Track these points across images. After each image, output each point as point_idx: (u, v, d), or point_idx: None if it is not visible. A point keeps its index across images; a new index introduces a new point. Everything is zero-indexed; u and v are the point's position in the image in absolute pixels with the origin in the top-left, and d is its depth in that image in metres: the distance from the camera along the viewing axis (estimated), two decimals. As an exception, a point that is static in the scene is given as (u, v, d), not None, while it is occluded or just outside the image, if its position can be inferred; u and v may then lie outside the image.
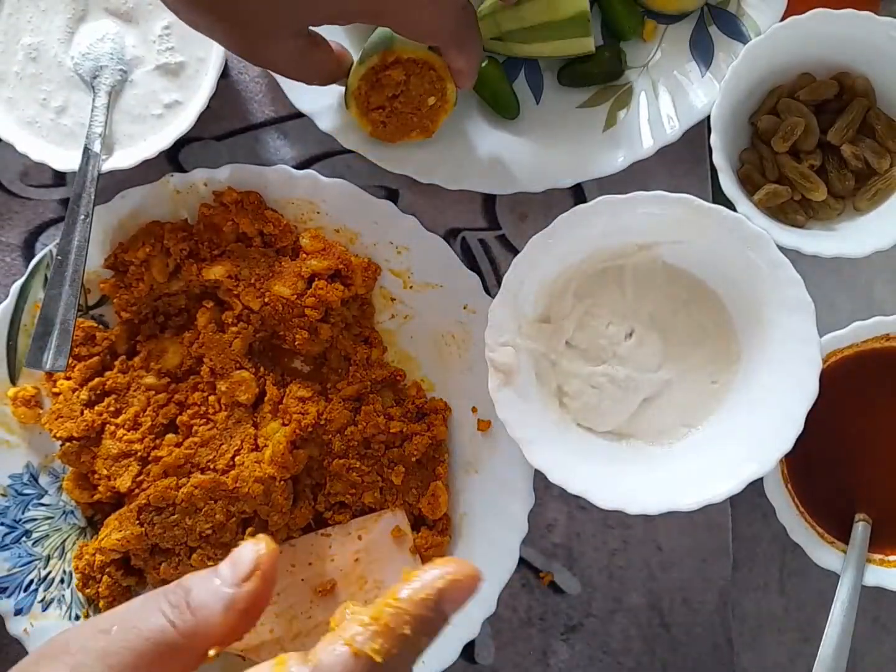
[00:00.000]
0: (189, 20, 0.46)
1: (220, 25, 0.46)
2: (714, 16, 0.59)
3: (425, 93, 0.55)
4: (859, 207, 0.58)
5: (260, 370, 0.57)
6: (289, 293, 0.55)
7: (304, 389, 0.56)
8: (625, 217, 0.52)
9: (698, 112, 0.58)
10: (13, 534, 0.58)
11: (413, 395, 0.59)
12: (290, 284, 0.56)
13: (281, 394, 0.57)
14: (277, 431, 0.55)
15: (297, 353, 0.58)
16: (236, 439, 0.56)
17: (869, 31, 0.55)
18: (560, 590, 0.61)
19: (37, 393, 0.58)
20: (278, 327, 0.57)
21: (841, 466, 0.57)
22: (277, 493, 0.54)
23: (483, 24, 0.57)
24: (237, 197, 0.57)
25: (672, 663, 0.60)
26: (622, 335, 0.56)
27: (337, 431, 0.56)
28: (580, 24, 0.55)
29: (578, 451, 0.54)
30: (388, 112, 0.56)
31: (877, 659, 0.61)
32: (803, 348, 0.51)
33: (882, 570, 0.55)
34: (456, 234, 0.62)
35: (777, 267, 0.52)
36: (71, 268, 0.55)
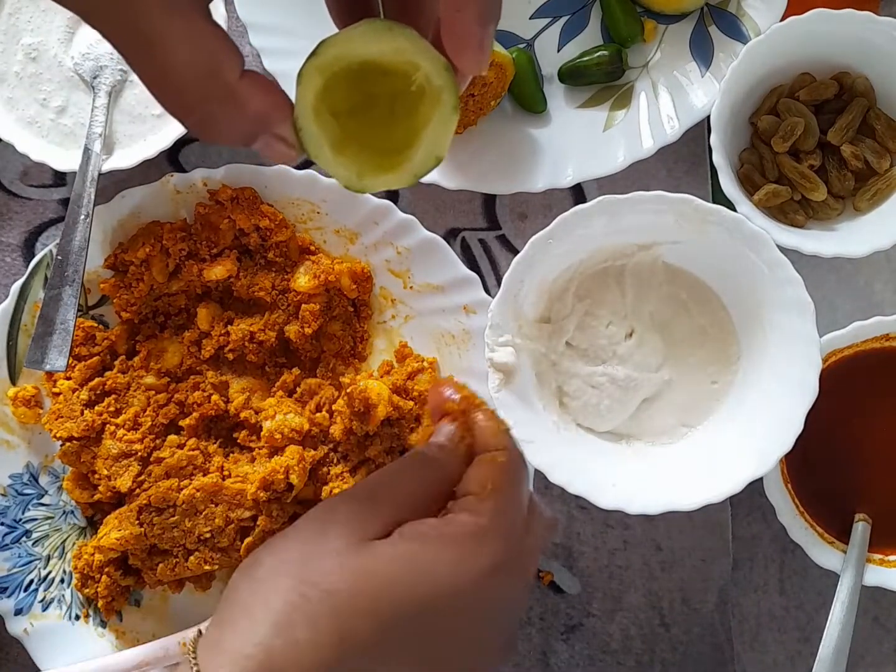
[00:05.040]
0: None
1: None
2: (714, 16, 0.59)
3: (495, 95, 0.57)
4: (859, 207, 0.58)
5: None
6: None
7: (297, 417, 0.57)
8: (625, 217, 0.52)
9: (698, 112, 0.58)
10: (13, 534, 0.58)
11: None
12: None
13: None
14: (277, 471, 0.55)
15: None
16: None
17: (869, 31, 0.55)
18: (560, 589, 0.61)
19: (37, 393, 0.58)
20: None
21: (841, 466, 0.57)
22: (276, 506, 0.55)
23: None
24: (232, 193, 0.57)
25: (672, 663, 0.60)
26: (622, 335, 0.56)
27: (333, 447, 0.57)
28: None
29: (578, 451, 0.54)
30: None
31: (876, 658, 0.61)
32: (803, 348, 0.51)
33: (882, 569, 0.55)
34: (456, 234, 0.62)
35: (777, 267, 0.52)
36: (71, 268, 0.55)
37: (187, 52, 0.29)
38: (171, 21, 0.29)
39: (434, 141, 0.32)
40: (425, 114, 0.32)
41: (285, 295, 0.58)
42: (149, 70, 0.30)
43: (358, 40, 0.30)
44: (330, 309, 0.59)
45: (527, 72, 0.59)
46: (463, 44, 0.30)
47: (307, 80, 0.31)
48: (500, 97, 0.58)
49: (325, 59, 0.30)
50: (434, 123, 0.32)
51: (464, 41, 0.29)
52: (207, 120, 0.31)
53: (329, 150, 0.31)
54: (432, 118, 0.32)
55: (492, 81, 0.56)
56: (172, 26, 0.29)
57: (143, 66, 0.30)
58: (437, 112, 0.31)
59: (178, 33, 0.29)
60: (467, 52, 0.30)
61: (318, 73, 0.30)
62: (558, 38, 0.61)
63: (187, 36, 0.29)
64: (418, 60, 0.30)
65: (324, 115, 0.31)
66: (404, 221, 0.58)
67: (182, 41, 0.29)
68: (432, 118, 0.32)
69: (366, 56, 0.30)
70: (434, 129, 0.32)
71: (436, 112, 0.31)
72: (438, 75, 0.30)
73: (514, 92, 0.60)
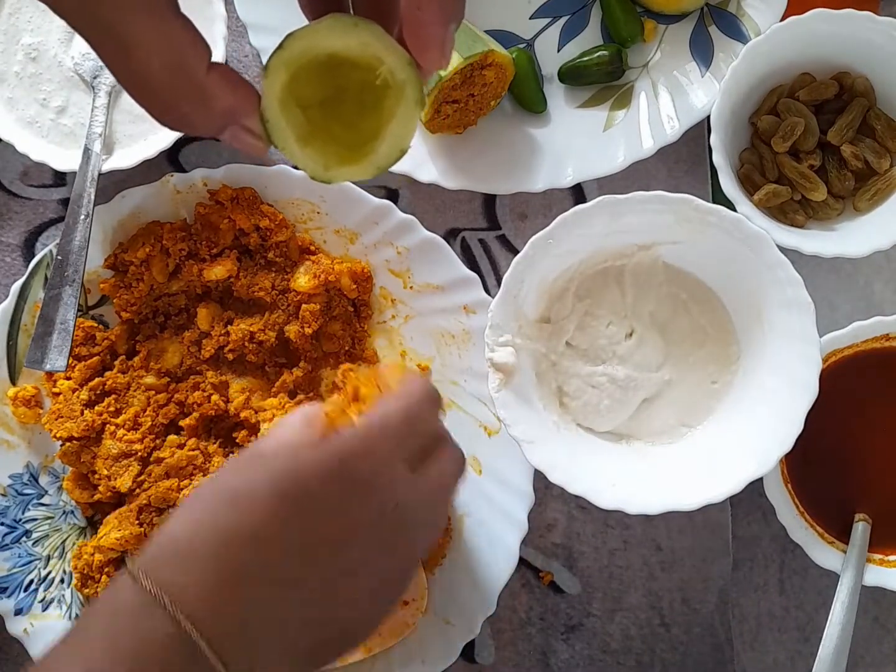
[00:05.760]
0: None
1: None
2: (714, 16, 0.59)
3: (496, 95, 0.58)
4: (859, 207, 0.58)
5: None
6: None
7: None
8: (625, 217, 0.52)
9: (698, 112, 0.58)
10: (13, 534, 0.58)
11: None
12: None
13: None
14: None
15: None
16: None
17: (869, 30, 0.55)
18: (560, 589, 0.61)
19: (37, 393, 0.58)
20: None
21: (841, 466, 0.57)
22: None
23: None
24: (232, 193, 0.57)
25: (672, 663, 0.60)
26: (622, 335, 0.56)
27: None
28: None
29: (578, 451, 0.54)
30: (458, 107, 0.57)
31: (876, 658, 0.61)
32: (803, 348, 0.51)
33: (882, 569, 0.55)
34: (456, 234, 0.62)
35: (777, 267, 0.51)
36: (71, 268, 0.55)
37: (156, 49, 0.30)
38: (140, 17, 0.29)
39: (398, 134, 0.33)
40: (390, 108, 0.32)
41: (285, 295, 0.58)
42: (123, 70, 0.31)
43: (323, 34, 0.31)
44: (330, 309, 0.59)
45: (527, 72, 0.59)
46: (424, 42, 0.30)
47: (273, 74, 0.31)
48: (500, 97, 0.58)
49: (292, 52, 0.31)
50: (398, 117, 0.33)
51: (425, 40, 0.30)
52: (181, 119, 0.32)
53: (295, 142, 0.32)
54: (396, 112, 0.32)
55: (492, 81, 0.56)
56: (141, 23, 0.29)
57: (117, 66, 0.31)
58: (401, 106, 0.32)
59: (146, 29, 0.29)
60: (428, 50, 0.31)
61: (285, 67, 0.31)
62: (558, 38, 0.61)
63: (155, 31, 0.30)
64: (382, 55, 0.31)
65: (291, 108, 0.32)
66: (404, 221, 0.58)
67: (151, 38, 0.30)
68: (396, 112, 0.32)
69: (331, 50, 0.31)
70: (398, 122, 0.33)
71: (400, 106, 0.32)
72: (402, 70, 0.31)
73: (514, 92, 0.60)
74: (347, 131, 0.33)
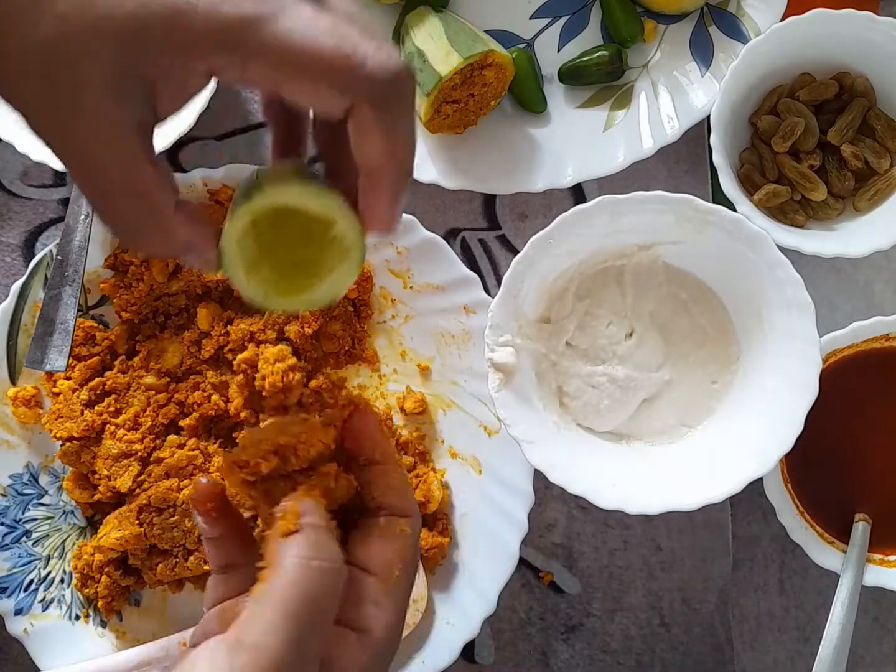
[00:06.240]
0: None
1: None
2: (714, 16, 0.59)
3: (496, 95, 0.58)
4: (859, 207, 0.58)
5: None
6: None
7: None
8: (625, 217, 0.52)
9: (698, 112, 0.58)
10: (13, 534, 0.58)
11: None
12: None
13: None
14: None
15: None
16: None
17: (868, 31, 0.55)
18: (560, 589, 0.61)
19: (37, 393, 0.58)
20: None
21: (841, 466, 0.57)
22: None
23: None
24: (232, 194, 0.57)
25: (672, 663, 0.60)
26: (622, 335, 0.56)
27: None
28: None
29: (578, 451, 0.54)
30: (458, 107, 0.57)
31: (876, 658, 0.61)
32: (803, 348, 0.51)
33: (882, 569, 0.55)
34: (456, 234, 0.62)
35: (777, 267, 0.51)
36: (71, 268, 0.55)
37: (123, 191, 0.31)
38: (109, 155, 0.30)
39: (335, 283, 0.36)
40: (332, 259, 0.35)
41: (285, 295, 0.58)
42: (88, 193, 0.31)
43: (292, 195, 0.33)
44: (330, 309, 0.59)
45: (527, 72, 0.59)
46: (373, 217, 0.34)
47: (238, 218, 0.33)
48: (499, 97, 0.58)
49: (259, 205, 0.33)
50: (338, 271, 0.35)
51: (374, 216, 0.34)
52: (138, 245, 0.33)
53: (243, 272, 0.35)
54: (338, 266, 0.35)
55: (492, 81, 0.56)
56: (111, 165, 0.30)
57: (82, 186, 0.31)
58: (345, 264, 0.35)
59: (115, 171, 0.30)
60: (376, 223, 0.34)
61: (250, 214, 0.33)
62: (558, 38, 0.61)
63: (124, 172, 0.30)
64: (338, 219, 0.34)
65: (246, 242, 0.34)
66: (404, 221, 0.58)
67: (118, 178, 0.30)
68: (338, 266, 0.35)
69: (296, 206, 0.33)
70: (338, 275, 0.35)
71: (343, 263, 0.35)
72: (352, 234, 0.34)
73: (514, 92, 0.60)
74: (291, 256, 0.36)
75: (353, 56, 0.29)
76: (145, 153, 0.31)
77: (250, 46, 0.29)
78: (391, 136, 0.31)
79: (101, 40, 0.28)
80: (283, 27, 0.29)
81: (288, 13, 0.29)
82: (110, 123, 0.29)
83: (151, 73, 0.29)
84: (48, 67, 0.28)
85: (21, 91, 0.29)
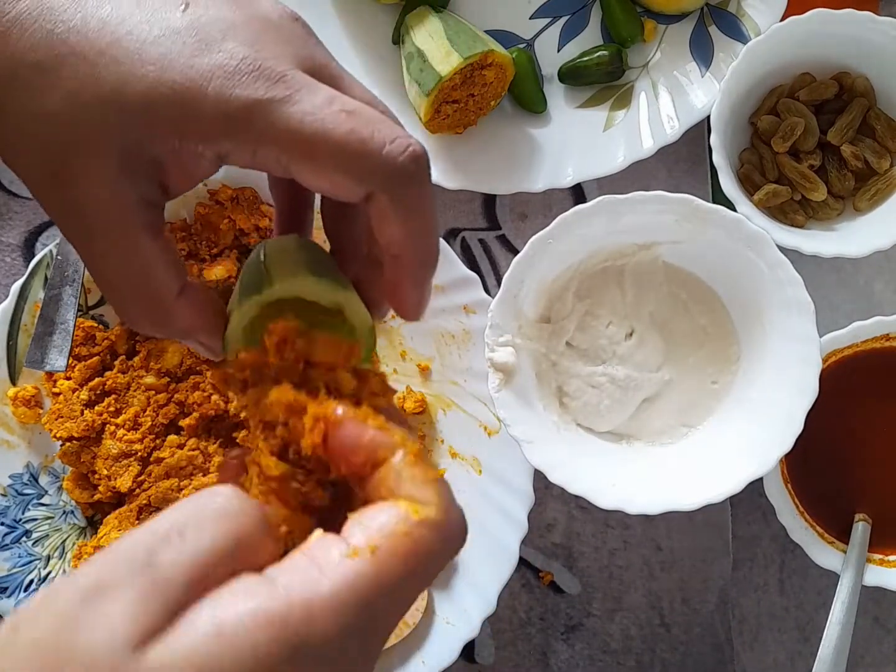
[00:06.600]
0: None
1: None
2: (714, 16, 0.59)
3: (496, 95, 0.58)
4: (859, 207, 0.58)
5: None
6: None
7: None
8: (625, 217, 0.52)
9: (698, 112, 0.58)
10: (13, 534, 0.58)
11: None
12: None
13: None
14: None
15: None
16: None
17: (869, 30, 0.55)
18: (560, 590, 0.61)
19: (37, 393, 0.58)
20: None
21: (841, 466, 0.57)
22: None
23: None
24: (232, 193, 0.57)
25: (672, 663, 0.60)
26: (622, 335, 0.56)
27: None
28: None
29: (578, 452, 0.54)
30: (458, 107, 0.57)
31: (876, 658, 0.61)
32: (803, 348, 0.51)
33: (882, 569, 0.55)
34: (456, 234, 0.62)
35: (777, 267, 0.51)
36: (71, 268, 0.55)
37: (123, 270, 0.29)
38: (111, 235, 0.28)
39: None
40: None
41: (285, 295, 0.58)
42: (86, 264, 0.30)
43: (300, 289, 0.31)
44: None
45: (527, 72, 0.59)
46: (399, 303, 0.32)
47: (245, 312, 0.31)
48: (499, 97, 0.58)
49: (268, 297, 0.31)
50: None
51: (400, 302, 0.32)
52: (136, 325, 0.31)
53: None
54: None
55: (492, 81, 0.56)
56: (112, 241, 0.29)
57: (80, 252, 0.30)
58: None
59: (115, 249, 0.29)
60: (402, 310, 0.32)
61: (258, 306, 0.31)
62: (558, 38, 0.61)
63: (125, 254, 0.29)
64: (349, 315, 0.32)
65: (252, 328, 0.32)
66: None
67: (119, 258, 0.29)
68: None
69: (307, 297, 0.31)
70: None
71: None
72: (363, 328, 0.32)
73: (514, 92, 0.60)
74: None
75: (370, 143, 0.28)
76: (150, 233, 0.29)
77: (261, 132, 0.27)
78: (413, 224, 0.30)
79: (109, 119, 0.27)
80: (296, 111, 0.27)
81: (301, 96, 0.28)
82: (114, 203, 0.28)
83: (159, 154, 0.28)
84: (53, 143, 0.27)
85: (24, 162, 0.29)
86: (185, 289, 0.31)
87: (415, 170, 0.29)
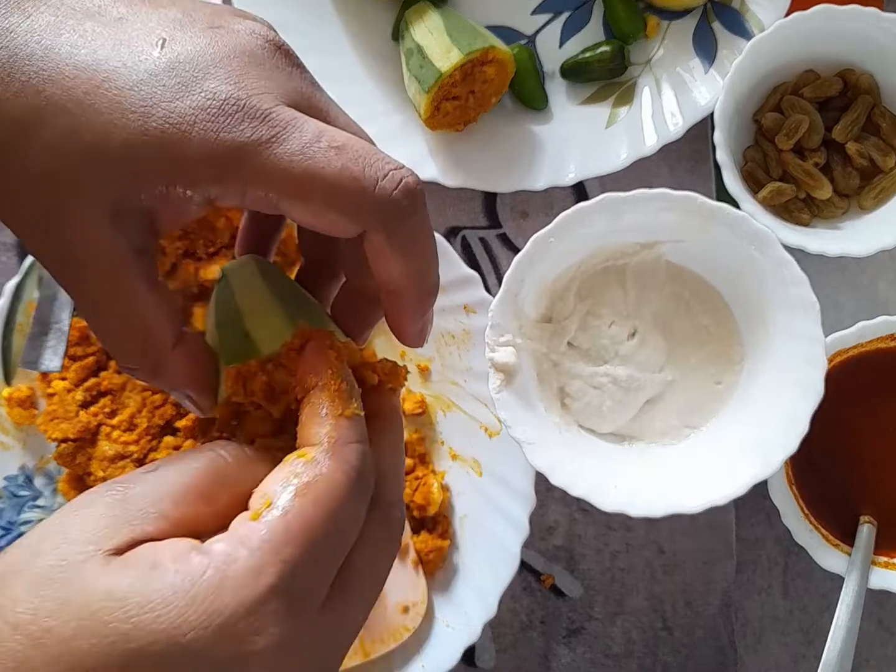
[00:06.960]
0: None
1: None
2: (717, 12, 0.59)
3: (496, 92, 0.57)
4: (864, 206, 0.58)
5: None
6: None
7: None
8: (627, 215, 0.52)
9: (702, 109, 0.57)
10: (8, 536, 0.57)
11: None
12: None
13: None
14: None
15: None
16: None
17: (873, 27, 0.55)
18: (561, 593, 0.60)
19: (32, 394, 0.58)
20: None
21: (846, 468, 0.56)
22: None
23: None
24: None
25: (674, 666, 0.60)
26: (624, 335, 0.56)
27: None
28: None
29: (580, 453, 0.53)
30: (458, 103, 0.56)
31: (881, 662, 0.61)
32: (808, 348, 0.51)
33: (887, 572, 0.55)
34: (456, 232, 0.62)
35: (781, 265, 0.51)
36: (66, 267, 0.54)
37: (117, 322, 0.29)
38: (105, 287, 0.28)
39: None
40: None
41: (283, 294, 0.57)
42: (81, 313, 0.31)
43: (283, 339, 0.31)
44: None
45: (528, 68, 0.58)
46: (401, 334, 0.33)
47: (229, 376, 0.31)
48: (500, 94, 0.58)
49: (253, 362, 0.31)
50: None
51: (402, 334, 0.33)
52: (131, 373, 0.31)
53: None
54: None
55: (493, 78, 0.56)
56: (106, 292, 0.28)
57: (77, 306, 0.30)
58: None
59: (109, 300, 0.28)
60: (404, 340, 0.33)
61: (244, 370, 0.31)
62: (560, 35, 0.61)
63: (118, 305, 0.28)
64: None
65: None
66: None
67: (113, 310, 0.29)
68: None
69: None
70: None
71: None
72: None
73: (515, 88, 0.59)
74: None
75: (362, 180, 0.27)
76: (144, 282, 0.28)
77: (250, 175, 0.27)
78: (411, 260, 0.29)
79: (93, 173, 0.26)
80: (284, 151, 0.27)
81: (289, 134, 0.27)
82: (105, 255, 0.27)
83: (147, 201, 0.27)
84: (39, 201, 0.27)
85: (15, 219, 0.28)
86: (181, 340, 0.30)
87: (409, 204, 0.28)
